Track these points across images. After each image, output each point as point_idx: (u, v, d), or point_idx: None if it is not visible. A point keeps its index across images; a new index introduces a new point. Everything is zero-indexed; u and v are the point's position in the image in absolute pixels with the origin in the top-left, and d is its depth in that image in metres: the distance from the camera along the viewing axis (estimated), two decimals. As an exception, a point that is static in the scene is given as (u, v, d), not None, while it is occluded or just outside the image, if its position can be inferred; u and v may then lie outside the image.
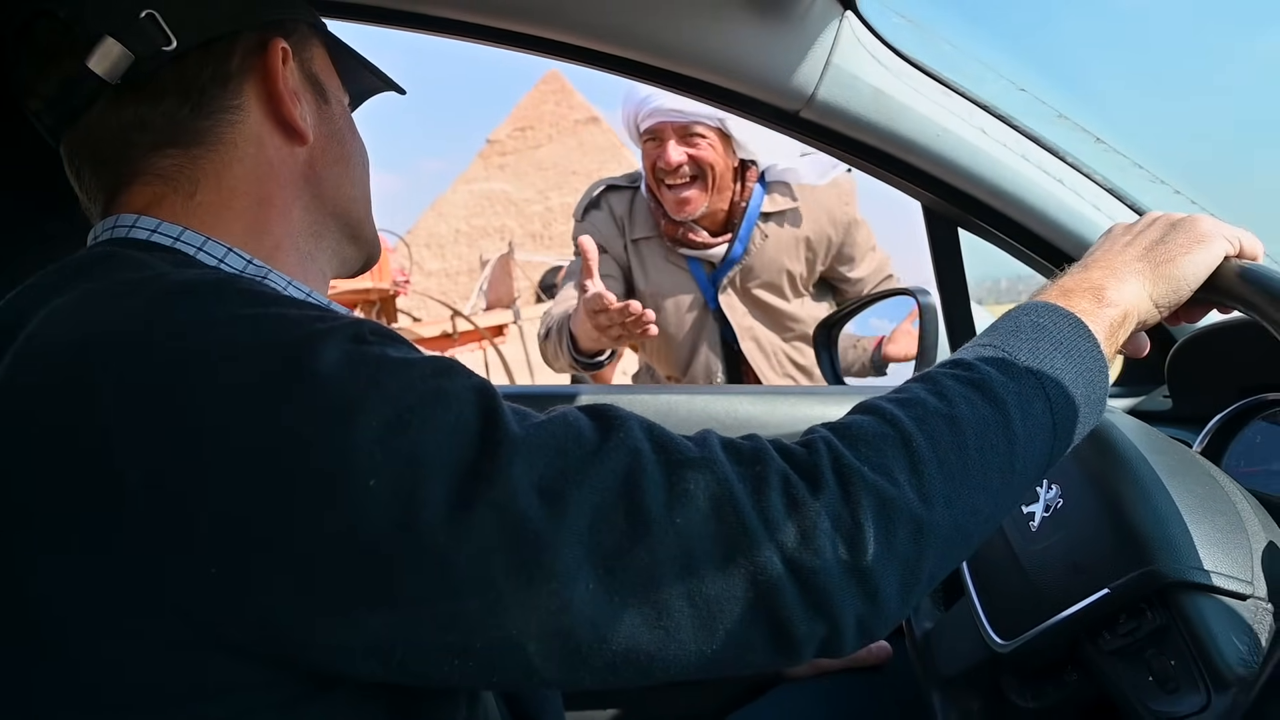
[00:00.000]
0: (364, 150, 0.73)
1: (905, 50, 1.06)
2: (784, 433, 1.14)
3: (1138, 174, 1.09)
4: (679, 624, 0.44)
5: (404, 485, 0.41)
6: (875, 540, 0.46)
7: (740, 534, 0.45)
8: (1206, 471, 0.69)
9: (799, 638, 0.46)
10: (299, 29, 0.67)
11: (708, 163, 1.71)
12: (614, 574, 0.43)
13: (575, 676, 0.45)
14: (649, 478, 0.46)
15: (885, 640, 0.98)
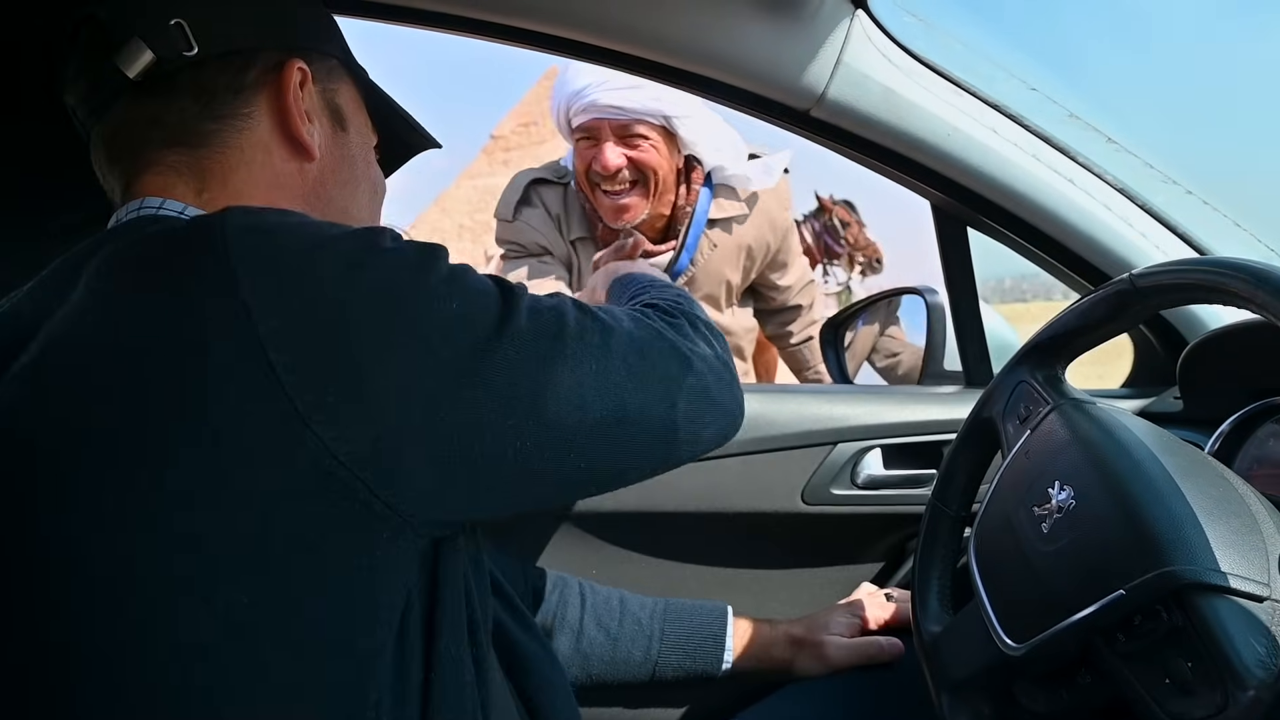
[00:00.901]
0: (377, 180, 0.77)
1: (916, 49, 1.06)
2: (790, 430, 1.16)
3: (1149, 174, 1.09)
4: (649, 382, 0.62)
5: (481, 303, 0.54)
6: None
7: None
8: (1220, 473, 0.69)
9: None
10: (328, 62, 0.72)
11: (650, 166, 1.55)
12: (608, 358, 0.59)
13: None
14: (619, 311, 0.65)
15: (897, 638, 0.98)
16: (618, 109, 1.51)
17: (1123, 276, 0.75)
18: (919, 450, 1.18)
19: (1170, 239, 1.11)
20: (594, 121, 1.54)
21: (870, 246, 5.62)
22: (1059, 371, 0.83)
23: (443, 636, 0.57)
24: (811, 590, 1.20)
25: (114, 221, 0.64)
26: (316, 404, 0.48)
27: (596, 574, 1.09)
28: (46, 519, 0.48)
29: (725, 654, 0.98)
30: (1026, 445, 0.79)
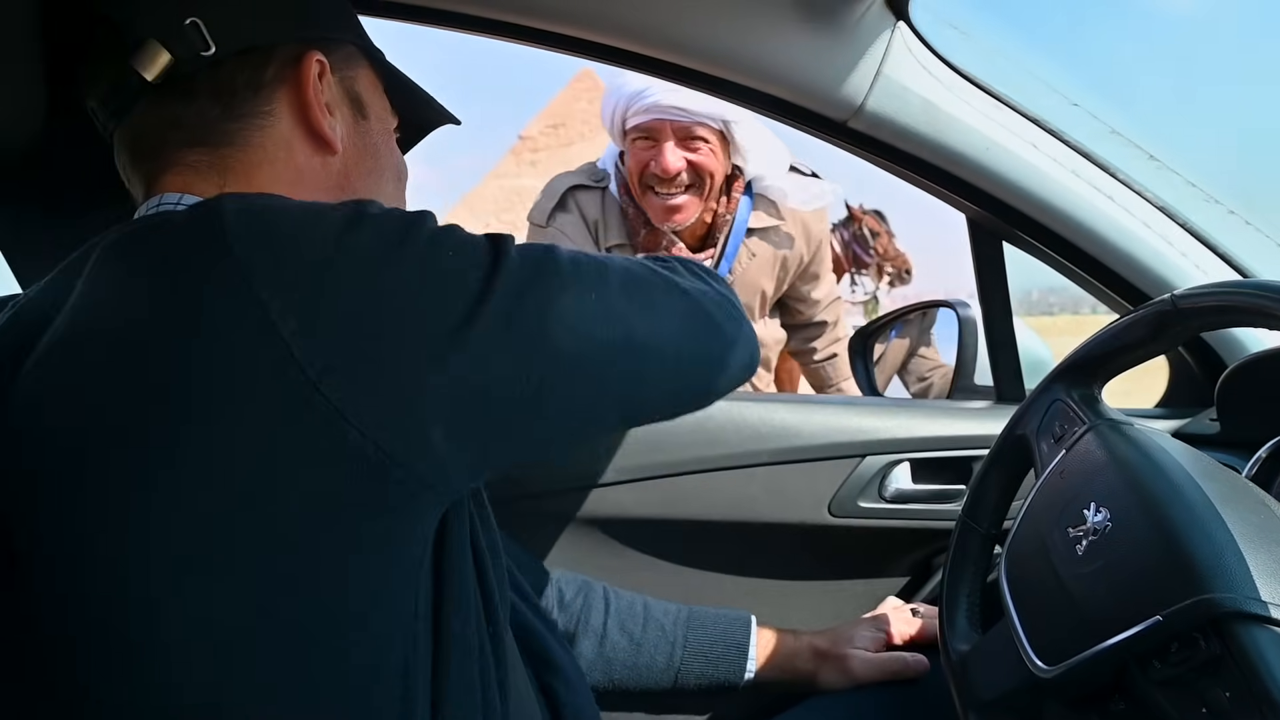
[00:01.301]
0: (400, 167, 0.77)
1: (957, 62, 1.05)
2: (818, 442, 1.15)
3: (1191, 193, 1.07)
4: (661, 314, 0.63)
5: (473, 251, 0.55)
6: None
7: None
8: (1260, 499, 0.68)
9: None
10: (344, 49, 0.72)
11: (708, 170, 1.55)
12: (607, 287, 0.59)
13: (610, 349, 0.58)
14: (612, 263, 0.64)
15: (922, 655, 0.98)
16: (681, 110, 1.49)
17: (1164, 297, 0.74)
18: (948, 465, 1.17)
19: (1211, 259, 1.09)
20: (655, 122, 1.52)
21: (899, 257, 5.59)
22: (1095, 391, 0.82)
23: (450, 615, 0.57)
24: (836, 603, 1.20)
25: (136, 216, 0.64)
26: (326, 368, 0.48)
27: (620, 580, 1.09)
28: (66, 509, 0.49)
29: (748, 663, 0.97)
30: (1061, 465, 0.78)
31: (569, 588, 0.99)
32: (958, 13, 1.05)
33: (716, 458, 1.13)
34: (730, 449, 1.13)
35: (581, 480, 1.13)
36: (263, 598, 0.48)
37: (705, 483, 1.13)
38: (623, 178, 1.64)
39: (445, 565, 0.58)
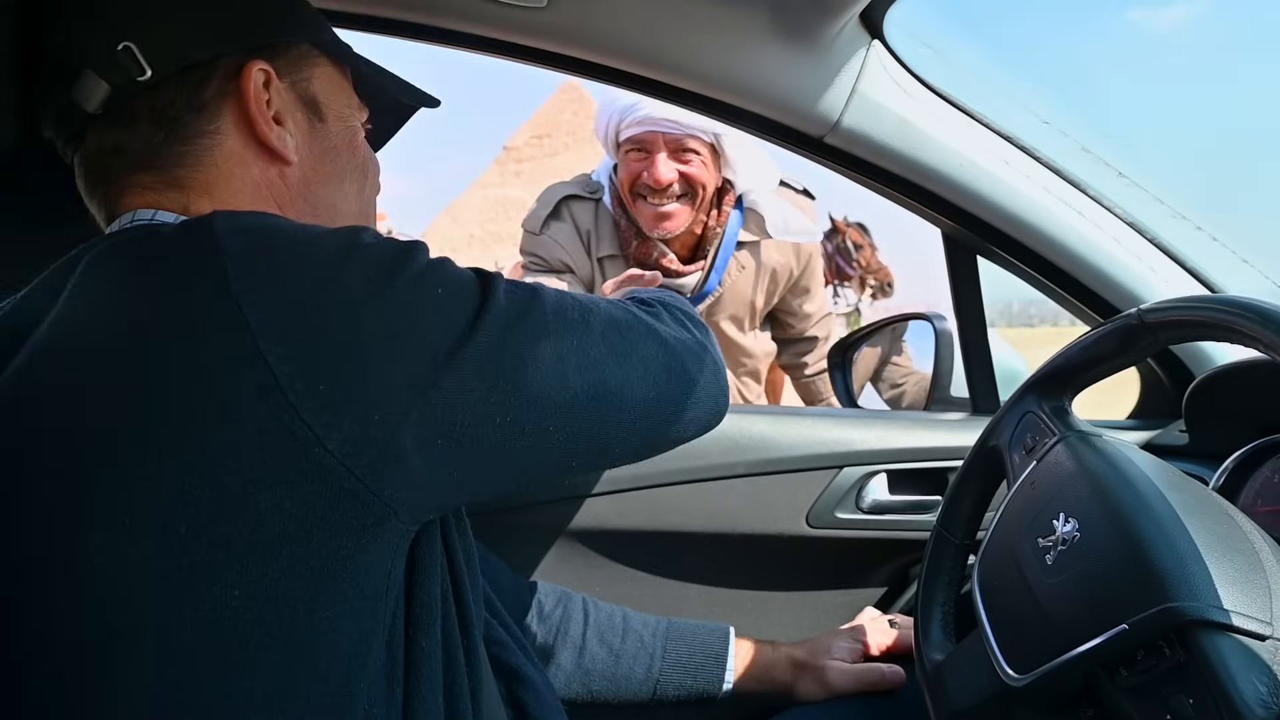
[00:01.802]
0: (366, 163, 0.75)
1: (931, 80, 1.07)
2: (796, 453, 1.16)
3: (1159, 209, 1.09)
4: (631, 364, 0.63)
5: (462, 287, 0.56)
6: None
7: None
8: (1224, 510, 0.69)
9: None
10: (295, 50, 0.70)
11: (699, 182, 1.57)
12: (588, 334, 0.61)
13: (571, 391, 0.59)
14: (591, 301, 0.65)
15: (899, 665, 0.99)
16: (673, 122, 1.52)
17: (1131, 311, 0.75)
18: (925, 476, 1.19)
19: (1179, 273, 1.12)
20: (648, 134, 1.55)
21: (882, 270, 5.63)
22: (1066, 403, 0.83)
23: (418, 633, 0.58)
24: (814, 613, 1.21)
25: (108, 231, 0.64)
26: (309, 393, 0.49)
27: (600, 591, 1.09)
28: (41, 520, 0.49)
29: (726, 674, 0.98)
30: (1032, 476, 0.79)
31: (548, 599, 1.00)
32: (932, 32, 1.07)
33: (695, 469, 1.14)
34: (709, 461, 1.14)
35: (561, 493, 1.14)
36: (231, 612, 0.48)
37: (684, 494, 1.14)
38: (616, 190, 1.66)
39: (415, 584, 0.58)
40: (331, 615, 0.51)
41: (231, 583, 0.48)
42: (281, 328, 0.49)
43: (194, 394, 0.48)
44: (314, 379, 0.49)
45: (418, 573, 0.59)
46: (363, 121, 0.76)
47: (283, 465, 0.48)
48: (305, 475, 0.49)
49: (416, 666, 0.57)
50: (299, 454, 0.49)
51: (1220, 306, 0.67)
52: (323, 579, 0.51)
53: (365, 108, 0.77)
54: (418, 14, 1.01)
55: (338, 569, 0.51)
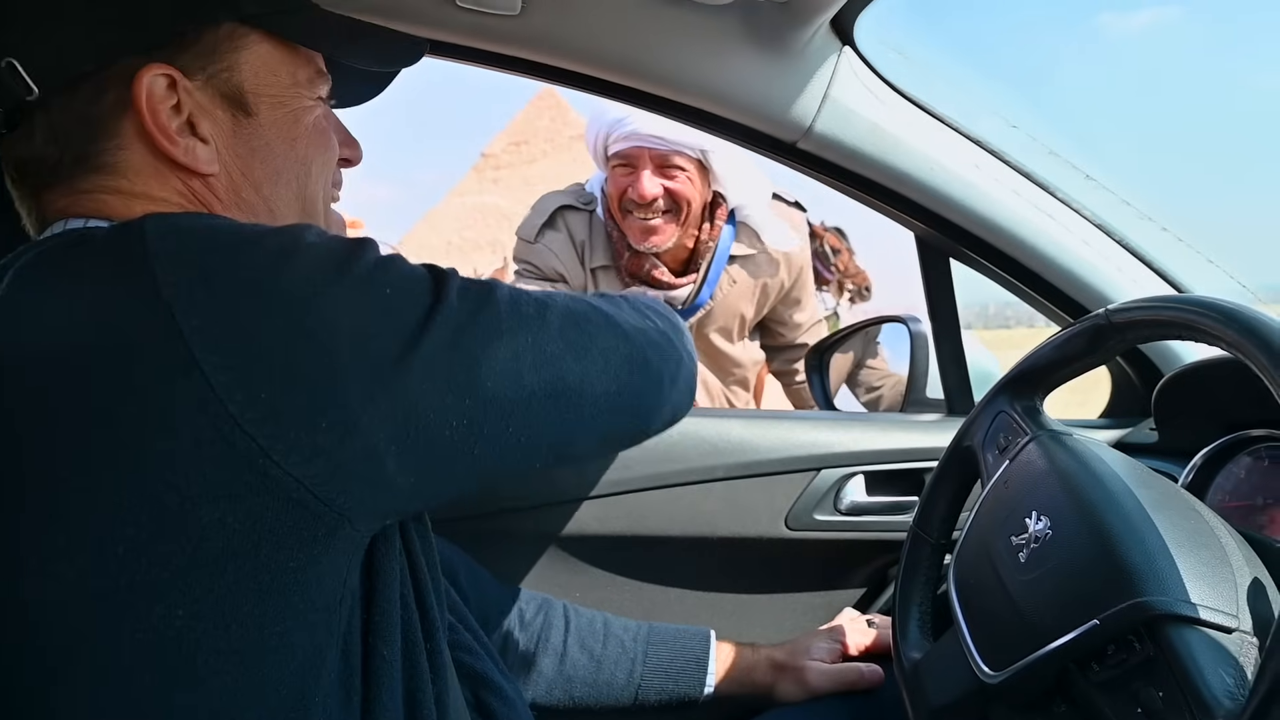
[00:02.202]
0: (305, 157, 0.67)
1: (902, 85, 1.09)
2: (774, 456, 1.17)
3: (1126, 211, 1.11)
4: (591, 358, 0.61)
5: (412, 286, 0.54)
6: None
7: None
8: (1192, 506, 0.70)
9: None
10: (210, 37, 0.61)
11: (685, 197, 1.58)
12: (544, 330, 0.59)
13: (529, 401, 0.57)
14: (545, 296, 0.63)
15: (878, 665, 0.99)
16: (659, 139, 1.53)
17: (1099, 312, 0.77)
18: (901, 477, 1.20)
19: (1146, 274, 1.14)
20: (634, 149, 1.56)
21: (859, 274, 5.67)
22: (1037, 402, 0.85)
23: (379, 639, 0.57)
24: (794, 615, 1.21)
25: (38, 238, 0.61)
26: (248, 402, 0.47)
27: (580, 597, 1.09)
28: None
29: (707, 678, 0.98)
30: (1005, 475, 0.80)
31: (529, 606, 1.00)
32: (902, 38, 1.08)
33: (674, 473, 1.14)
34: (688, 464, 1.14)
35: (540, 498, 1.14)
36: (174, 631, 0.47)
37: (663, 499, 1.15)
38: (608, 202, 1.67)
39: (374, 591, 0.57)
40: (282, 629, 0.50)
41: (175, 602, 0.47)
42: (217, 335, 0.47)
43: (128, 407, 0.47)
44: (254, 388, 0.47)
45: (376, 579, 0.57)
46: (319, 95, 0.68)
47: (224, 478, 0.47)
48: (250, 488, 0.47)
49: (376, 675, 0.56)
50: (242, 466, 0.47)
51: (1185, 306, 0.68)
52: (271, 593, 0.49)
53: (323, 79, 0.69)
54: (391, 21, 1.01)
55: (288, 582, 0.50)
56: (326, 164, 0.69)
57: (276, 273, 0.50)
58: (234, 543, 0.48)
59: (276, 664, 0.51)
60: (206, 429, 0.46)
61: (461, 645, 0.76)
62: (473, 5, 0.97)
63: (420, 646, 0.61)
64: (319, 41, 0.67)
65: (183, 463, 0.46)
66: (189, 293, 0.48)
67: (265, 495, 0.48)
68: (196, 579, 0.47)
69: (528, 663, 0.96)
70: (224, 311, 0.48)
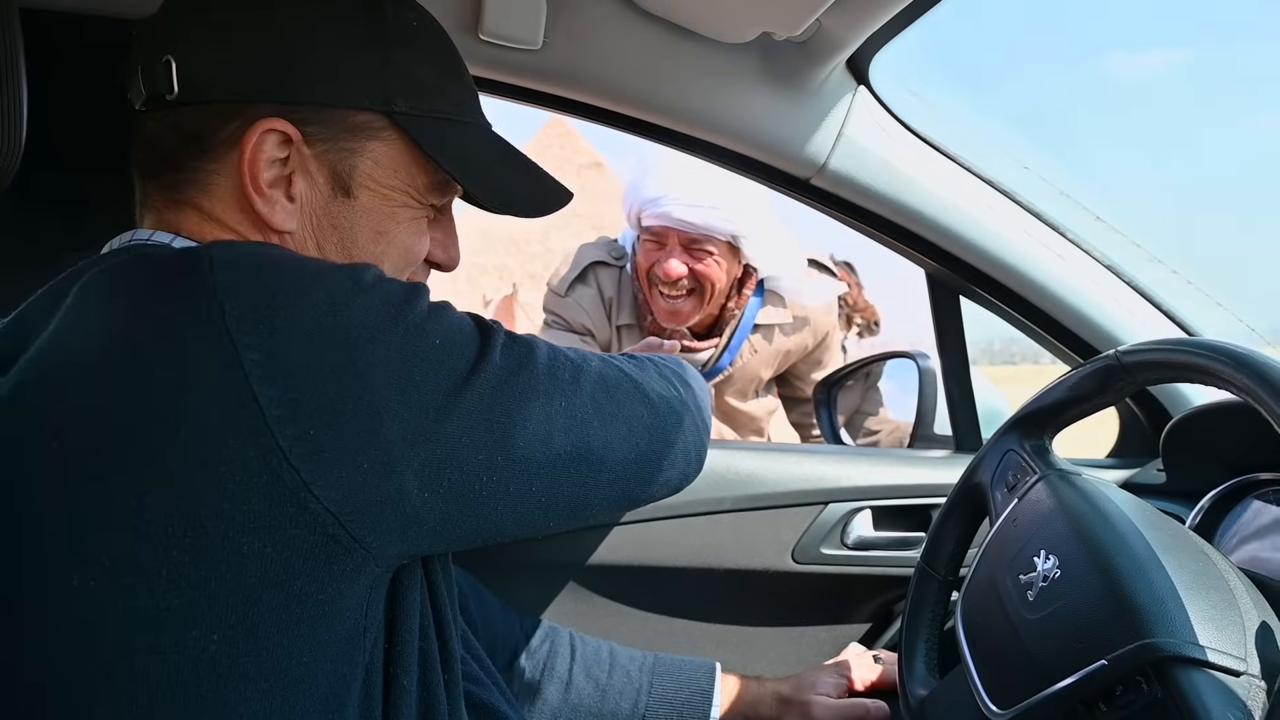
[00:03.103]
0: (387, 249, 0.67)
1: (915, 125, 1.10)
2: (783, 489, 1.17)
3: (1136, 252, 1.12)
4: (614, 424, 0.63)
5: (460, 339, 0.56)
6: None
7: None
8: (1200, 548, 0.71)
9: None
10: (350, 117, 0.63)
11: (710, 279, 1.59)
12: (577, 395, 0.61)
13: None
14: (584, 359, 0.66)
15: (883, 701, 0.99)
16: (689, 224, 1.54)
17: (1110, 353, 0.77)
18: (908, 513, 1.20)
19: (1156, 315, 1.14)
20: (664, 229, 1.57)
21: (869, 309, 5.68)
22: (1046, 442, 0.85)
23: (399, 669, 0.58)
24: (799, 649, 1.21)
25: (106, 248, 0.63)
26: (298, 437, 0.48)
27: (586, 626, 1.09)
28: (18, 554, 0.48)
29: (712, 710, 0.98)
30: (1014, 513, 0.80)
31: (535, 634, 1.00)
32: (916, 79, 1.10)
33: (682, 504, 1.14)
34: (695, 496, 1.15)
35: (548, 526, 1.14)
36: (209, 656, 0.48)
37: (670, 529, 1.15)
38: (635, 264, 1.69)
39: (396, 621, 0.58)
40: (309, 659, 0.51)
41: (210, 626, 0.48)
42: (275, 371, 0.49)
43: (183, 433, 0.48)
44: (304, 423, 0.49)
45: (398, 609, 0.58)
46: (433, 202, 0.69)
47: (267, 509, 0.48)
48: (290, 520, 0.48)
49: (396, 705, 0.57)
50: (285, 498, 0.48)
51: (1196, 350, 0.69)
52: (301, 623, 0.50)
53: (449, 190, 0.69)
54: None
55: (316, 613, 0.51)
56: (401, 263, 0.68)
57: (336, 314, 0.52)
58: (271, 573, 0.49)
59: (302, 694, 0.51)
60: (256, 460, 0.48)
61: (469, 675, 0.76)
62: (495, 39, 0.99)
63: (438, 676, 0.61)
64: (456, 165, 0.66)
65: (231, 490, 0.47)
66: (253, 326, 0.49)
67: (303, 528, 0.49)
68: (233, 605, 0.48)
69: (533, 691, 0.96)
70: (284, 347, 0.49)
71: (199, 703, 0.48)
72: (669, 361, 0.77)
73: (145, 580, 0.47)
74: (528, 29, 0.98)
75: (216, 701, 0.49)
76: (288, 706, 0.51)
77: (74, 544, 0.47)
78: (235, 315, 0.49)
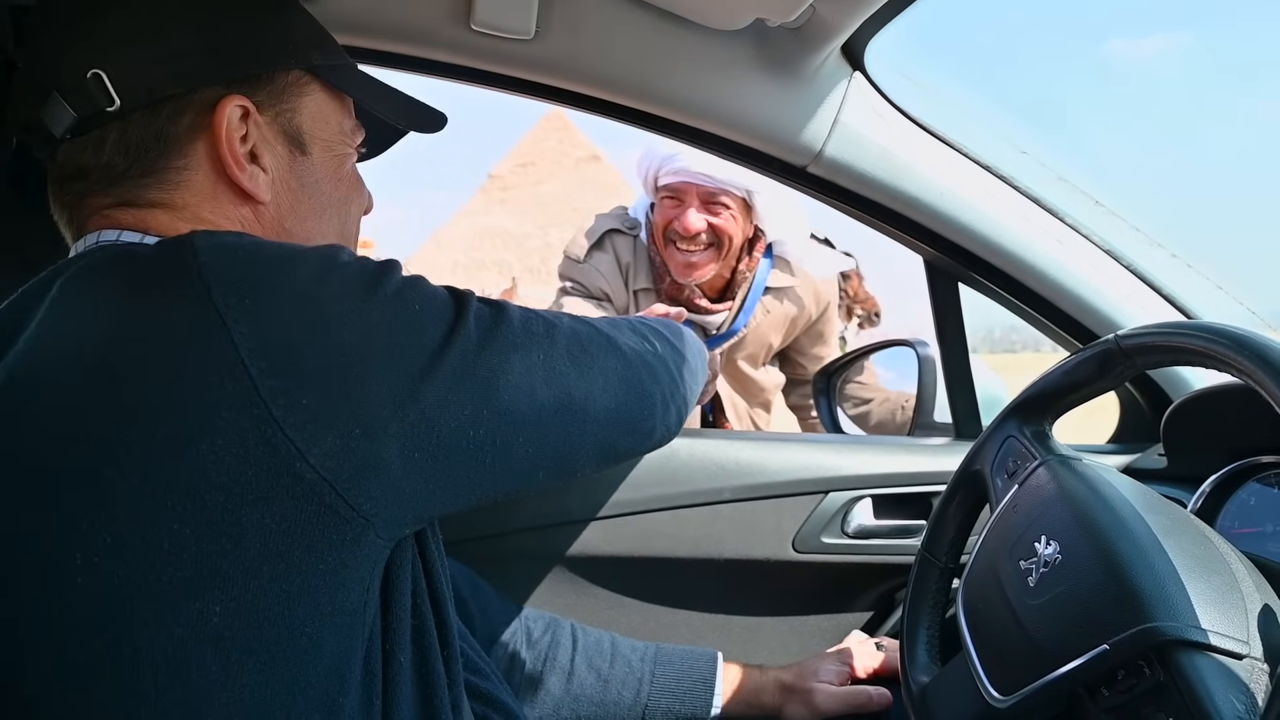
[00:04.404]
0: (348, 194, 0.73)
1: (911, 111, 1.10)
2: (782, 479, 1.17)
3: (1135, 236, 1.12)
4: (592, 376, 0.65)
5: (437, 304, 0.57)
6: None
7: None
8: (1201, 532, 0.70)
9: None
10: (283, 79, 0.67)
11: (727, 233, 1.64)
12: (553, 347, 0.62)
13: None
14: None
15: (885, 688, 0.99)
16: (707, 176, 1.59)
17: (1109, 337, 0.77)
18: (909, 501, 1.20)
19: (1155, 299, 1.14)
20: (683, 184, 1.62)
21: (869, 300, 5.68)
22: (1046, 427, 0.85)
23: (395, 645, 0.59)
24: (801, 638, 1.21)
25: (74, 252, 0.63)
26: (291, 407, 0.49)
27: (588, 617, 1.09)
28: (24, 539, 0.49)
29: (715, 699, 0.98)
30: (1014, 499, 0.80)
31: (536, 625, 1.00)
32: (912, 64, 1.10)
33: (682, 495, 1.14)
34: (696, 486, 1.15)
35: (548, 519, 1.14)
36: (211, 629, 0.48)
37: (671, 520, 1.15)
38: (652, 229, 1.73)
39: (390, 599, 0.59)
40: (311, 631, 0.52)
41: (212, 599, 0.48)
42: (265, 344, 0.50)
43: (178, 409, 0.49)
44: (297, 394, 0.50)
45: (391, 588, 0.59)
46: (356, 145, 0.74)
47: (264, 480, 0.49)
48: (287, 490, 0.49)
49: (395, 681, 0.58)
50: (281, 469, 0.49)
51: (1196, 332, 0.68)
52: (302, 595, 0.51)
53: (360, 130, 0.75)
54: (407, 47, 1.02)
55: (316, 585, 0.51)
56: (360, 206, 0.75)
57: (317, 289, 0.53)
58: (270, 544, 0.49)
59: (305, 666, 0.52)
60: (252, 431, 0.49)
61: (468, 665, 0.76)
62: (487, 29, 0.98)
63: (436, 653, 0.62)
64: (364, 94, 0.73)
65: (228, 463, 0.48)
66: (240, 302, 0.50)
67: (299, 498, 0.50)
68: (234, 578, 0.49)
69: (535, 682, 0.96)
70: (272, 320, 0.51)
71: (203, 675, 0.49)
72: (651, 321, 0.79)
73: (146, 554, 0.48)
74: (519, 18, 0.97)
75: (221, 674, 0.49)
76: (292, 678, 0.51)
77: (75, 521, 0.48)
78: (221, 293, 0.51)
